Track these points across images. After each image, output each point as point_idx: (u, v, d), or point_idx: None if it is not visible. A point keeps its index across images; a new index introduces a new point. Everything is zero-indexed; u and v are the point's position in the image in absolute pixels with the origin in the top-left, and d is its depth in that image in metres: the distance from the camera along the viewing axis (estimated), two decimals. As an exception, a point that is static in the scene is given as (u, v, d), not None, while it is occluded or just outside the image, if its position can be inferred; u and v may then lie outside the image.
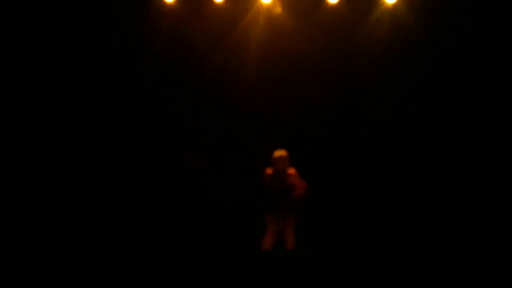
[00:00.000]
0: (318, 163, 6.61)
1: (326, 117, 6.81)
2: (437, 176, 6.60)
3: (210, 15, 6.72)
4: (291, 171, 5.46)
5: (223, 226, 6.53)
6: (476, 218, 6.38)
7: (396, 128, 6.70)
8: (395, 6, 6.58)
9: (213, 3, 6.64)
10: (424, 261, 6.00)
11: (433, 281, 5.58)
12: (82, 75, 6.75)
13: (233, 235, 6.41)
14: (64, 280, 5.45)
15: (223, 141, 6.82)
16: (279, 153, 5.44)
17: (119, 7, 6.63)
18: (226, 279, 5.64)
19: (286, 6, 6.65)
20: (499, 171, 6.48)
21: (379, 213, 6.60)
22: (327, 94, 6.77)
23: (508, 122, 6.55)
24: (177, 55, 6.83)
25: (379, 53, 6.72)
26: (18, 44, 6.60)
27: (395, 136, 6.68)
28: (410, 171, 6.65)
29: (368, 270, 5.86)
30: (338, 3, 6.58)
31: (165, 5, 6.64)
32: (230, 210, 6.61)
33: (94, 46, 6.73)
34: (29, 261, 5.75)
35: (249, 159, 6.56)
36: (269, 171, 5.51)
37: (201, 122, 6.83)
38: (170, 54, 6.81)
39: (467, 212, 6.44)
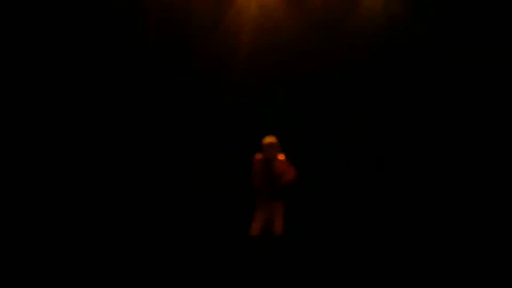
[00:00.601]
0: (308, 150, 6.67)
1: (317, 103, 6.83)
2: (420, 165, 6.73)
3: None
4: (281, 157, 5.47)
5: (212, 213, 6.54)
6: (467, 218, 6.49)
7: (387, 120, 6.78)
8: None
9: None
10: (409, 248, 6.08)
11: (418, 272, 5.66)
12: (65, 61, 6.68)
13: (222, 221, 6.44)
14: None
15: (212, 128, 6.83)
16: (269, 139, 5.44)
17: None
18: (215, 265, 5.67)
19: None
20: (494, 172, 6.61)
21: (368, 200, 6.67)
22: (318, 80, 6.79)
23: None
24: (166, 40, 6.76)
25: (371, 40, 6.77)
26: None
27: (385, 127, 6.76)
28: (398, 160, 6.75)
29: (356, 257, 5.91)
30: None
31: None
32: (219, 197, 6.62)
33: (81, 36, 6.65)
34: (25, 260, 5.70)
35: (240, 144, 6.58)
36: (258, 157, 5.53)
37: (191, 107, 6.84)
38: (159, 38, 6.74)
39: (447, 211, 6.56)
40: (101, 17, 6.61)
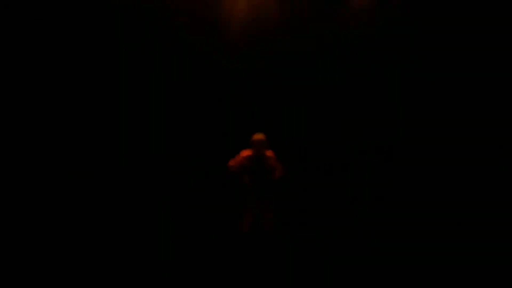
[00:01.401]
0: (307, 150, 6.72)
1: (307, 99, 6.86)
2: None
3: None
4: (269, 153, 5.54)
5: (202, 209, 6.61)
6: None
7: (387, 120, 6.78)
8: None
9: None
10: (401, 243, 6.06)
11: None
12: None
13: (212, 218, 6.49)
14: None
15: (203, 122, 6.87)
16: (257, 136, 5.51)
17: None
18: (205, 261, 5.73)
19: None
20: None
21: (358, 194, 6.68)
22: (309, 75, 6.82)
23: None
24: (157, 33, 6.77)
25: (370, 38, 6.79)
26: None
27: (385, 127, 6.76)
28: (398, 160, 6.72)
29: (352, 257, 5.89)
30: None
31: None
32: (208, 193, 6.70)
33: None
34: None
35: (229, 140, 6.66)
36: (245, 153, 5.61)
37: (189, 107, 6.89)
38: (159, 38, 6.79)
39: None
40: (99, 16, 6.69)
